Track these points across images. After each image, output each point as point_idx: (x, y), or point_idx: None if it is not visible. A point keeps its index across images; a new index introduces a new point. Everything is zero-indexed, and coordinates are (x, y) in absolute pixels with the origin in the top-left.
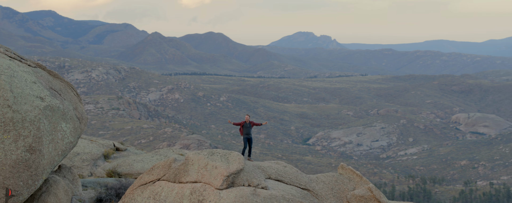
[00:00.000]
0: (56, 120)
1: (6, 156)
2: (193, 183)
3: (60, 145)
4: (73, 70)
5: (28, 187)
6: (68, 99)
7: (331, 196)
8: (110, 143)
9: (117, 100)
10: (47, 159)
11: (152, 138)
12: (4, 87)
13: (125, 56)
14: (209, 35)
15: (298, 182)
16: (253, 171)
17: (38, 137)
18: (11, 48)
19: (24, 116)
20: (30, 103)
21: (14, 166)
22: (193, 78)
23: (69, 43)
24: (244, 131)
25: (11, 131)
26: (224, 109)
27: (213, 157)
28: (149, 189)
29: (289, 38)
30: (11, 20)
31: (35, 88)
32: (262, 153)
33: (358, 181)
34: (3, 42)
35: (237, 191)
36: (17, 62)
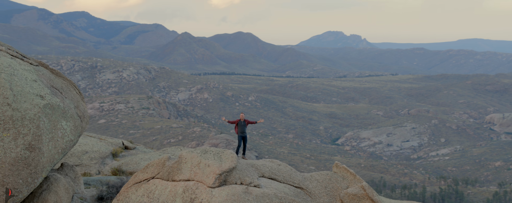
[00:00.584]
0: (56, 118)
1: (5, 154)
2: (186, 181)
3: (60, 143)
4: (105, 70)
5: (28, 185)
6: (70, 97)
7: (324, 194)
8: (119, 142)
9: (147, 100)
10: (47, 157)
11: (181, 137)
12: (4, 85)
13: (156, 56)
14: (238, 35)
15: (292, 180)
16: (246, 169)
17: (37, 135)
18: (45, 48)
19: (24, 114)
20: (30, 101)
21: (14, 164)
22: (222, 78)
23: (101, 43)
24: (239, 129)
25: (10, 129)
26: (253, 108)
27: (206, 155)
28: (143, 187)
29: (318, 38)
30: (46, 21)
31: (35, 86)
32: (291, 153)
33: (352, 179)
34: (38, 43)
35: (229, 189)
36: (18, 60)
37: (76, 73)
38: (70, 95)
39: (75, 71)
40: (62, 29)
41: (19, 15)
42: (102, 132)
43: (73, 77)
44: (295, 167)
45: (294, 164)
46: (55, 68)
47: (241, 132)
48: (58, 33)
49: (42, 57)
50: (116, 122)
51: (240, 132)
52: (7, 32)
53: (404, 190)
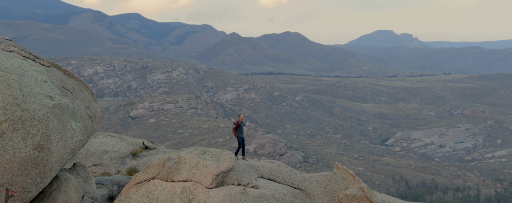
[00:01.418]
0: (66, 119)
1: (14, 153)
2: (184, 182)
3: (69, 143)
4: (155, 71)
5: (37, 184)
6: (80, 98)
7: (323, 195)
8: (139, 141)
9: (195, 99)
10: (55, 157)
11: (229, 137)
12: (13, 86)
13: (204, 56)
14: (286, 35)
15: (291, 181)
16: (244, 170)
17: (46, 135)
18: (99, 49)
19: (33, 114)
20: (39, 101)
21: (23, 163)
22: (269, 78)
23: (152, 44)
24: (239, 130)
25: (20, 129)
26: (300, 108)
27: (204, 156)
28: (143, 187)
29: (368, 37)
30: (100, 23)
31: (45, 87)
32: (338, 153)
33: (351, 180)
34: (93, 44)
35: (226, 190)
36: (30, 61)
37: (128, 74)
38: (81, 96)
39: (127, 72)
40: (115, 30)
41: (76, 17)
42: (152, 131)
43: (125, 77)
44: None
45: (342, 164)
46: (108, 68)
47: (241, 132)
48: (111, 34)
49: (96, 58)
50: (165, 121)
51: (241, 132)
52: (64, 34)
53: (457, 192)
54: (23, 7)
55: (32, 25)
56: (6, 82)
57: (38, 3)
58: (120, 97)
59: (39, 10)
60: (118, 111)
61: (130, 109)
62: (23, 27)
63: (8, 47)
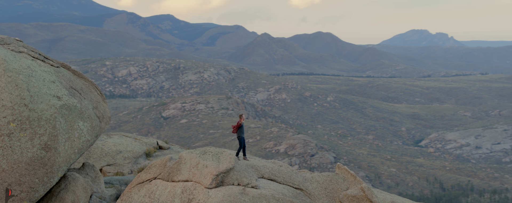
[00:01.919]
0: (73, 119)
1: (22, 153)
2: (185, 182)
3: (76, 143)
4: (187, 71)
5: (44, 184)
6: (89, 98)
7: (324, 195)
8: (153, 141)
9: (226, 100)
10: (63, 157)
11: (259, 137)
12: (21, 86)
13: (236, 57)
14: (317, 35)
15: (292, 182)
16: (244, 170)
17: (53, 135)
18: (133, 50)
19: (40, 114)
20: (47, 101)
21: (30, 163)
22: (300, 79)
23: (184, 45)
24: (240, 130)
25: (27, 129)
26: (331, 109)
27: (205, 156)
28: (145, 187)
29: (401, 37)
30: (134, 25)
31: (53, 87)
32: (370, 154)
33: (352, 181)
34: (127, 45)
35: (226, 190)
36: (39, 62)
37: (161, 74)
38: (89, 96)
39: (159, 73)
40: (149, 32)
41: (111, 19)
42: (184, 131)
43: (157, 78)
44: (375, 168)
45: (373, 166)
46: (141, 69)
47: (242, 132)
48: (145, 36)
49: (130, 59)
50: (197, 121)
51: (242, 132)
52: (99, 35)
53: (494, 194)
54: (60, 10)
55: (69, 27)
56: (14, 83)
57: (75, 5)
58: (153, 97)
59: (76, 13)
60: (150, 111)
61: (162, 109)
62: (61, 29)
63: (18, 48)
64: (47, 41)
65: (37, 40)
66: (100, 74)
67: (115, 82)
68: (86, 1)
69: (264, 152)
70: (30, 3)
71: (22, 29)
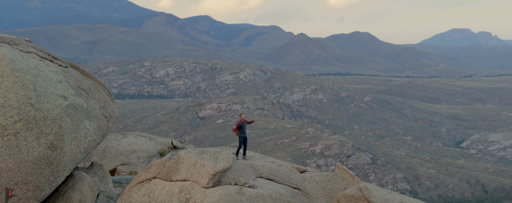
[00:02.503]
0: (79, 118)
1: (28, 153)
2: (183, 181)
3: (82, 142)
4: (223, 72)
5: (50, 183)
6: (96, 98)
7: (322, 195)
8: (168, 141)
9: (262, 100)
10: (68, 156)
11: (295, 138)
12: (28, 86)
13: (272, 57)
14: (354, 35)
15: (290, 181)
16: (242, 170)
17: (59, 134)
18: (171, 51)
19: (46, 114)
20: (53, 101)
21: (36, 162)
22: (337, 79)
23: (221, 46)
24: (240, 130)
25: (33, 129)
26: (368, 109)
27: (203, 156)
28: (145, 186)
29: (442, 36)
30: (172, 26)
31: (59, 87)
32: (408, 155)
33: (350, 180)
34: (165, 46)
35: (223, 189)
36: (47, 62)
37: (197, 75)
38: (97, 96)
39: (196, 73)
40: (186, 33)
41: (149, 20)
42: (220, 131)
43: (194, 78)
44: (413, 170)
45: (412, 167)
46: (178, 70)
47: (242, 132)
48: (182, 37)
49: (167, 60)
50: (232, 122)
51: (242, 132)
52: (138, 37)
53: None
54: (101, 12)
55: (109, 28)
56: (21, 83)
57: (115, 7)
58: (190, 98)
59: (116, 14)
60: (187, 111)
61: (199, 109)
62: (101, 30)
63: (27, 48)
64: (89, 42)
65: (79, 42)
66: (139, 75)
67: (153, 83)
68: (126, 3)
69: (300, 152)
70: (73, 6)
71: (65, 31)
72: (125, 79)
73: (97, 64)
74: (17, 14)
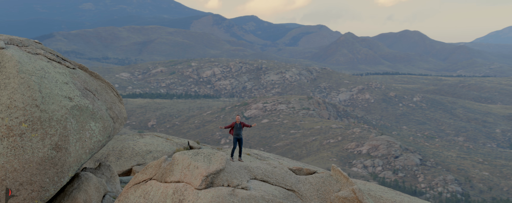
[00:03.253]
0: (85, 119)
1: (33, 153)
2: (177, 183)
3: (88, 143)
4: (269, 72)
5: (54, 183)
6: (103, 99)
7: (315, 197)
8: (184, 142)
9: (307, 100)
10: (73, 157)
11: (341, 138)
12: (33, 87)
13: (318, 57)
14: (404, 33)
15: (284, 183)
16: (236, 172)
17: (64, 135)
18: (217, 51)
19: (51, 115)
20: (58, 102)
21: (41, 163)
22: (385, 78)
23: (267, 46)
24: (234, 131)
25: (38, 130)
26: (418, 109)
27: (197, 157)
28: (141, 188)
29: (497, 34)
30: (219, 26)
31: (65, 88)
32: (460, 156)
33: (344, 182)
34: (212, 46)
35: (215, 191)
36: (55, 64)
37: (243, 75)
38: (104, 97)
39: (242, 73)
40: (233, 33)
41: (197, 21)
42: (265, 131)
43: (240, 78)
44: (465, 172)
45: (463, 169)
46: (225, 70)
47: (236, 134)
48: (229, 37)
49: (214, 60)
50: (278, 121)
51: (236, 134)
52: (186, 37)
53: None
54: (151, 13)
55: (159, 29)
56: (26, 84)
57: (164, 9)
58: (235, 98)
59: (166, 16)
60: (233, 111)
61: (244, 109)
62: (151, 31)
63: (35, 50)
64: (139, 43)
65: (130, 43)
66: (186, 75)
67: (200, 83)
68: (175, 4)
69: (346, 153)
70: (124, 7)
71: (116, 33)
72: (173, 79)
73: (146, 64)
74: (72, 16)
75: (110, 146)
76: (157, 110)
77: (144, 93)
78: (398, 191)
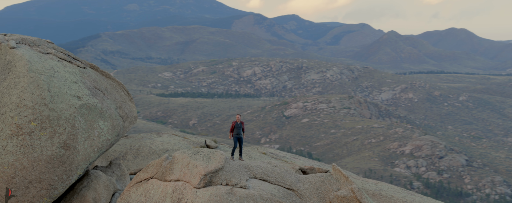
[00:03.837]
0: (93, 118)
1: (42, 152)
2: (176, 182)
3: (96, 142)
4: (310, 71)
5: (63, 181)
6: (112, 98)
7: (315, 196)
8: (202, 141)
9: (348, 99)
10: (82, 155)
11: (382, 138)
12: (42, 86)
13: (360, 56)
14: (450, 31)
15: (284, 182)
16: (235, 171)
17: (72, 134)
18: (258, 51)
19: (60, 114)
20: (66, 101)
21: (49, 161)
22: (429, 77)
23: (308, 45)
24: (235, 131)
25: (47, 128)
26: (464, 109)
27: (196, 156)
28: (143, 186)
29: None
30: (260, 26)
31: (74, 87)
32: (509, 157)
33: (344, 181)
34: (253, 46)
35: (213, 190)
36: (65, 63)
37: (284, 74)
38: (114, 96)
39: (282, 72)
40: (274, 32)
41: (238, 21)
42: (305, 130)
43: (280, 78)
44: None
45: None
46: (265, 69)
47: (236, 133)
48: (270, 36)
49: (254, 60)
50: (318, 121)
51: (236, 133)
52: (227, 37)
53: None
54: (194, 13)
55: (201, 29)
56: (36, 83)
57: (206, 8)
58: (276, 97)
59: (207, 15)
60: (273, 110)
61: (284, 108)
62: (193, 31)
63: (46, 50)
64: (181, 43)
65: (172, 43)
66: (227, 75)
67: (240, 82)
68: (216, 4)
69: (388, 153)
70: (167, 8)
71: (159, 33)
72: (214, 79)
73: (188, 64)
74: (117, 17)
75: (128, 145)
76: (198, 109)
77: (185, 92)
78: (410, 191)
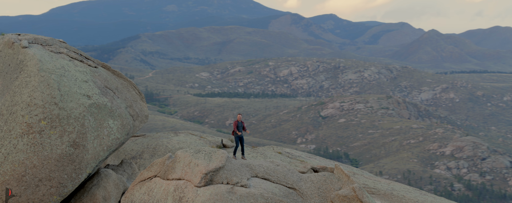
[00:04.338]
0: (103, 117)
1: (52, 150)
2: (178, 180)
3: (105, 141)
4: (347, 71)
5: (72, 180)
6: (123, 97)
7: (316, 195)
8: (218, 140)
9: (386, 99)
10: (91, 154)
11: (422, 138)
12: (52, 86)
13: (399, 55)
14: (494, 29)
15: (285, 181)
16: (237, 170)
17: (82, 133)
18: (295, 51)
19: (69, 113)
20: (76, 100)
21: (59, 160)
22: (472, 77)
23: (346, 44)
24: (238, 130)
25: (57, 127)
26: (508, 109)
27: (198, 155)
28: (146, 185)
29: None
30: (297, 25)
31: (84, 87)
32: None
33: (346, 181)
34: (290, 45)
35: (214, 188)
36: (76, 62)
37: (320, 74)
38: (124, 95)
39: (319, 72)
40: (311, 32)
41: (275, 20)
42: (342, 131)
43: (317, 77)
44: None
45: None
46: (301, 69)
47: (239, 131)
48: (307, 36)
49: (291, 60)
50: (355, 121)
51: (239, 131)
52: (264, 37)
53: None
54: (231, 13)
55: (238, 29)
56: (46, 82)
57: (243, 9)
58: (312, 97)
59: (245, 16)
60: (309, 110)
61: (321, 108)
62: (230, 31)
63: (58, 49)
64: (218, 43)
65: (210, 43)
66: (263, 74)
67: (276, 82)
68: (254, 4)
69: (427, 154)
70: (205, 9)
71: (197, 33)
72: (250, 79)
73: (225, 64)
74: (156, 17)
75: (145, 144)
76: (235, 109)
77: (222, 92)
78: (423, 191)
